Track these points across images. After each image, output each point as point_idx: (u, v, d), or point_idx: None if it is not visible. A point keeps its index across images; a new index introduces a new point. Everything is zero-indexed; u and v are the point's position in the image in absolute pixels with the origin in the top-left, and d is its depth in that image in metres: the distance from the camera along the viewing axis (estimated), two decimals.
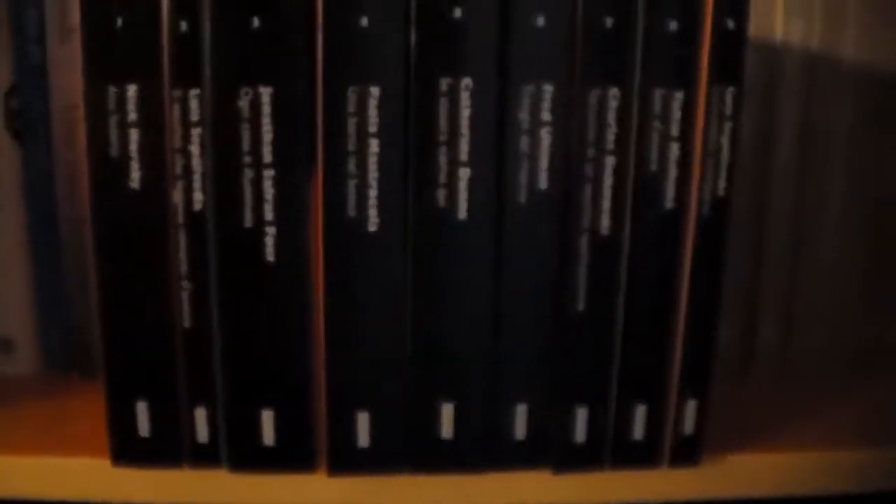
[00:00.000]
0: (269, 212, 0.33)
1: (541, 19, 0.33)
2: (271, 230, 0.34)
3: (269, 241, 0.34)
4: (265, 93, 0.33)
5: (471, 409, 0.36)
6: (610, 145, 0.34)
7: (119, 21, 0.32)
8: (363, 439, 0.36)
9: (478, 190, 0.34)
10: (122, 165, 0.33)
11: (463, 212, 0.34)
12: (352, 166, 0.33)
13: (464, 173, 0.33)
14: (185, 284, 0.34)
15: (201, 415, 0.36)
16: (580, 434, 0.37)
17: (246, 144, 0.33)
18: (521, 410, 0.36)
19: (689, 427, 0.37)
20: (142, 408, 0.36)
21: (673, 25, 0.33)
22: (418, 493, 0.37)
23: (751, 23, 0.35)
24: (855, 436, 0.41)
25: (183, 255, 0.34)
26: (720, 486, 0.39)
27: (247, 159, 0.33)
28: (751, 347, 0.48)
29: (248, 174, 0.33)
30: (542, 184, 0.34)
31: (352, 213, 0.33)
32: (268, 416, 0.36)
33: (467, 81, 0.33)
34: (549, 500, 0.38)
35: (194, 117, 0.33)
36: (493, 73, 0.33)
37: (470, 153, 0.33)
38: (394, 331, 0.35)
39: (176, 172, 0.33)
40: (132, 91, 0.33)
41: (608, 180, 0.34)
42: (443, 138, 0.33)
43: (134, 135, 0.33)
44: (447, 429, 0.36)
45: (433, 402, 0.36)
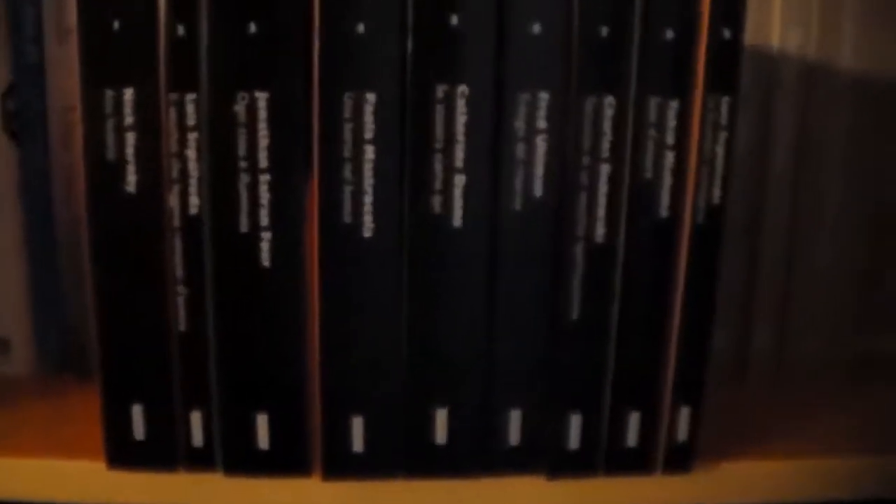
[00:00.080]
0: (264, 217, 0.34)
1: (537, 27, 0.33)
2: (267, 235, 0.34)
3: (265, 245, 0.34)
4: (262, 98, 0.33)
5: (465, 414, 0.36)
6: (605, 153, 0.34)
7: (116, 24, 0.32)
8: (357, 444, 0.36)
9: (473, 197, 0.34)
10: (119, 169, 0.33)
11: (458, 218, 0.34)
12: (347, 172, 0.33)
13: (459, 180, 0.34)
14: (181, 288, 0.34)
15: (196, 418, 0.36)
16: (574, 440, 0.37)
17: (242, 149, 0.33)
18: (515, 416, 0.36)
19: (683, 434, 0.37)
20: (137, 411, 0.36)
21: (669, 34, 0.33)
22: (412, 498, 0.37)
23: (748, 31, 0.35)
24: (848, 443, 0.41)
25: (179, 259, 0.34)
26: (713, 493, 0.39)
27: (243, 164, 0.33)
28: (745, 355, 0.48)
29: (245, 179, 0.33)
30: (538, 191, 0.34)
31: (347, 218, 0.34)
32: (262, 421, 0.36)
33: (463, 88, 0.33)
34: None
35: (191, 121, 0.33)
36: (489, 81, 0.33)
37: (465, 160, 0.33)
38: (388, 336, 0.35)
39: (172, 176, 0.33)
40: (129, 95, 0.33)
41: (603, 188, 0.34)
42: (438, 145, 0.33)
43: (130, 138, 0.33)
44: (441, 434, 0.36)
45: (427, 408, 0.36)
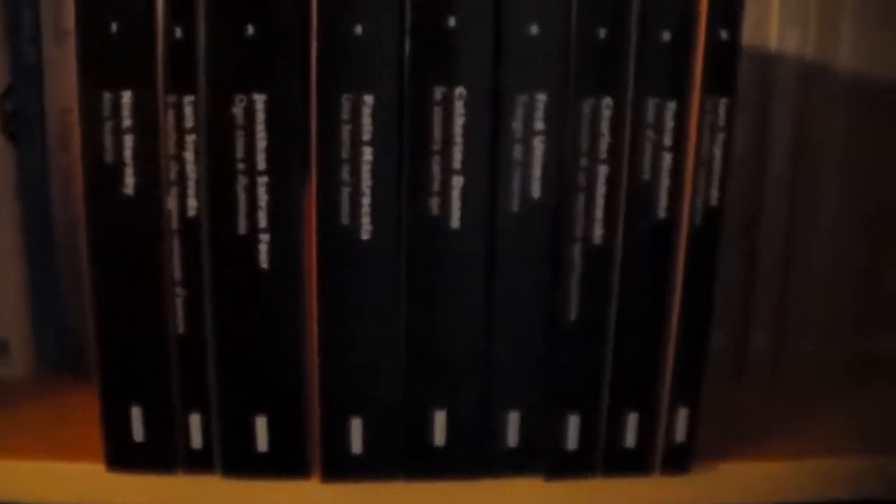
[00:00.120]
0: (262, 219, 0.34)
1: (534, 28, 0.33)
2: (265, 237, 0.34)
3: (263, 247, 0.34)
4: (259, 100, 0.33)
5: (463, 416, 0.36)
6: (603, 154, 0.34)
7: (114, 27, 0.32)
8: (356, 446, 0.36)
9: (471, 198, 0.34)
10: (117, 171, 0.33)
11: (456, 220, 0.34)
12: (345, 174, 0.33)
13: (457, 182, 0.34)
14: (179, 290, 0.34)
15: (195, 421, 0.36)
16: (572, 441, 0.37)
17: (240, 151, 0.33)
18: (513, 418, 0.36)
19: (681, 435, 0.38)
20: (136, 413, 0.36)
21: (666, 35, 0.33)
22: (411, 500, 0.38)
23: (745, 32, 0.35)
24: (847, 444, 0.41)
25: (177, 261, 0.34)
26: (711, 494, 0.39)
27: (241, 166, 0.33)
28: (743, 356, 0.48)
29: (243, 181, 0.33)
30: (535, 192, 0.34)
31: (345, 220, 0.34)
32: (261, 423, 0.36)
33: (461, 90, 0.33)
34: None
35: (189, 124, 0.33)
36: (486, 82, 0.33)
37: (463, 161, 0.33)
38: (387, 337, 0.35)
39: (170, 179, 0.33)
40: (127, 97, 0.33)
41: (601, 189, 0.34)
42: (436, 147, 0.33)
43: (128, 141, 0.33)
44: (440, 436, 0.36)
45: (426, 409, 0.36)
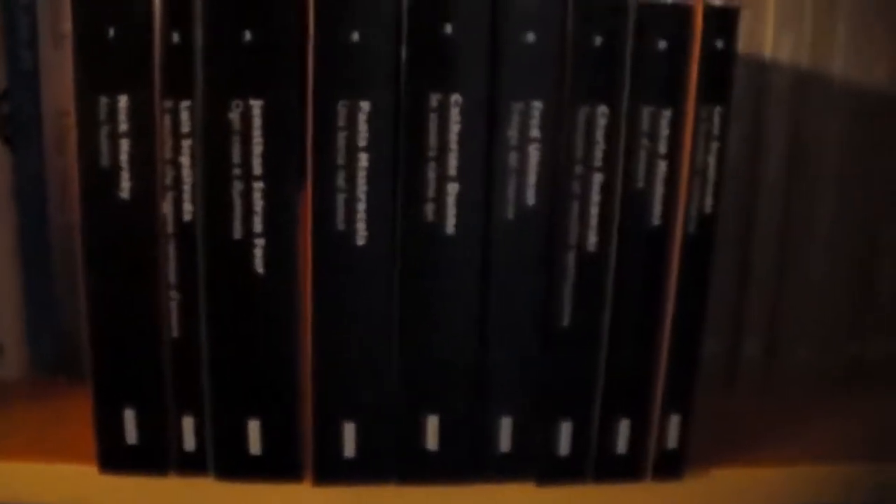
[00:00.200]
0: (258, 224, 0.34)
1: (531, 36, 0.33)
2: (260, 242, 0.34)
3: (258, 252, 0.34)
4: (256, 105, 0.33)
5: (456, 421, 0.36)
6: (598, 162, 0.34)
7: (111, 31, 0.32)
8: (349, 449, 0.36)
9: (466, 205, 0.34)
10: (113, 175, 0.33)
11: (451, 226, 0.34)
12: (341, 180, 0.33)
13: (452, 188, 0.34)
14: (174, 294, 0.34)
15: (188, 423, 0.36)
16: (564, 447, 0.37)
17: (236, 156, 0.33)
18: (506, 423, 0.37)
19: (673, 441, 0.38)
20: (129, 415, 0.36)
21: (662, 44, 0.34)
22: None
23: (740, 39, 0.35)
24: (838, 451, 0.41)
25: (172, 265, 0.34)
26: (703, 501, 0.39)
27: (237, 171, 0.33)
28: (736, 363, 0.48)
29: (238, 186, 0.33)
30: (530, 200, 0.34)
31: (340, 226, 0.34)
32: (254, 426, 0.36)
33: (457, 97, 0.33)
34: None
35: (185, 129, 0.33)
36: (482, 90, 0.33)
37: (458, 168, 0.34)
38: (381, 342, 0.35)
39: (166, 183, 0.34)
40: (123, 101, 0.33)
41: (595, 197, 0.35)
42: (432, 153, 0.33)
43: (124, 145, 0.33)
44: (433, 440, 0.36)
45: (419, 414, 0.36)
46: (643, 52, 0.34)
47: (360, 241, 0.34)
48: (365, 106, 0.33)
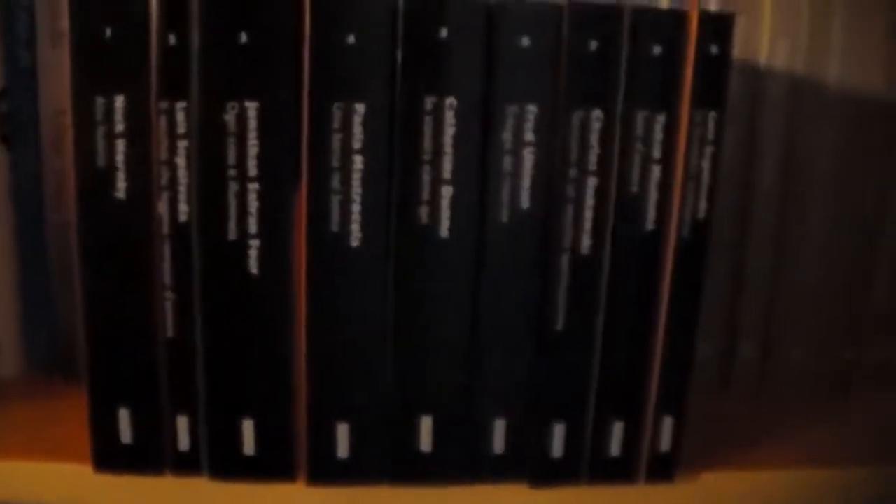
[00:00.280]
0: (253, 225, 0.34)
1: (526, 40, 0.33)
2: (255, 243, 0.34)
3: (253, 253, 0.34)
4: (251, 107, 0.33)
5: (450, 422, 0.36)
6: (592, 166, 0.34)
7: (108, 32, 0.33)
8: (342, 450, 0.36)
9: (460, 208, 0.34)
10: (109, 176, 0.33)
11: (445, 229, 0.34)
12: (336, 182, 0.33)
13: (447, 191, 0.34)
14: (169, 295, 0.35)
15: (183, 423, 0.36)
16: (557, 449, 0.37)
17: (231, 158, 0.33)
18: (499, 425, 0.37)
19: (666, 444, 0.38)
20: (124, 415, 0.36)
21: (657, 49, 0.34)
22: None
23: (735, 45, 0.35)
24: (832, 455, 0.41)
25: (167, 265, 0.34)
26: (696, 503, 0.39)
27: (232, 172, 0.33)
28: (730, 367, 0.48)
29: (233, 187, 0.33)
30: (524, 203, 0.34)
31: (335, 227, 0.34)
32: (248, 426, 0.36)
33: (452, 100, 0.33)
34: None
35: (181, 130, 0.33)
36: (477, 93, 0.33)
37: (453, 171, 0.34)
38: (375, 344, 0.35)
39: (162, 184, 0.34)
40: (120, 102, 0.33)
41: (590, 201, 0.35)
42: (426, 156, 0.34)
43: (121, 145, 0.33)
44: (426, 442, 0.36)
45: (413, 415, 0.36)
46: (638, 56, 0.34)
47: (355, 243, 0.34)
48: (360, 108, 0.33)
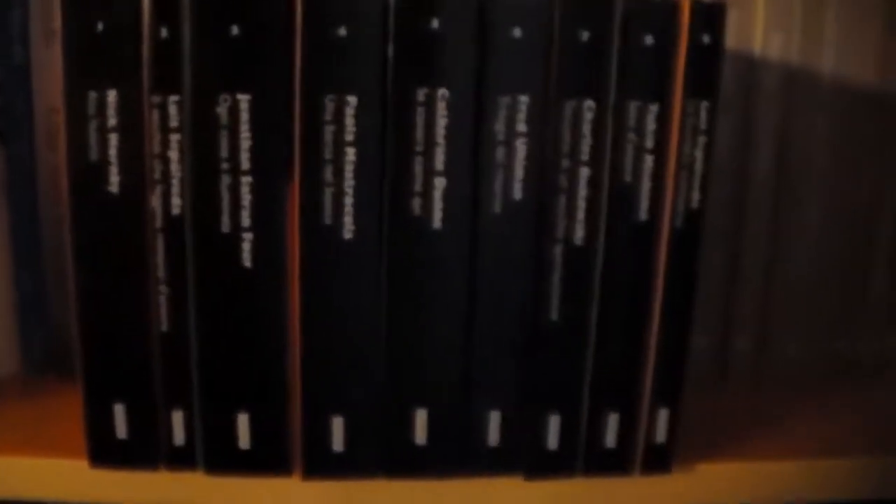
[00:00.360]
0: (246, 218, 0.34)
1: (517, 31, 0.33)
2: (248, 236, 0.34)
3: (246, 246, 0.34)
4: (244, 100, 0.33)
5: (445, 415, 0.36)
6: (585, 157, 0.34)
7: (100, 26, 0.32)
8: (338, 444, 0.36)
9: (453, 199, 0.34)
10: (102, 170, 0.33)
11: (438, 221, 0.34)
12: (328, 174, 0.33)
13: (439, 183, 0.34)
14: (163, 288, 0.35)
15: (178, 418, 0.36)
16: (552, 441, 0.37)
17: (224, 151, 0.33)
18: (494, 417, 0.37)
19: (661, 435, 0.38)
20: (119, 410, 0.36)
21: (649, 39, 0.34)
22: (392, 498, 0.38)
23: (729, 35, 0.35)
24: (826, 446, 0.41)
25: (161, 259, 0.34)
26: (691, 494, 0.39)
27: (225, 165, 0.33)
28: (725, 358, 0.48)
29: (226, 180, 0.33)
30: (517, 194, 0.34)
31: (328, 220, 0.34)
32: (243, 420, 0.36)
33: (444, 92, 0.33)
34: None
35: (173, 123, 0.33)
36: (469, 84, 0.33)
37: (446, 163, 0.34)
38: (369, 336, 0.35)
39: (155, 178, 0.34)
40: (112, 96, 0.33)
41: (582, 191, 0.35)
42: (419, 148, 0.33)
43: (113, 140, 0.33)
44: (421, 434, 0.36)
45: (407, 408, 0.36)
46: (630, 46, 0.34)
47: (348, 236, 0.34)
48: (352, 100, 0.33)
